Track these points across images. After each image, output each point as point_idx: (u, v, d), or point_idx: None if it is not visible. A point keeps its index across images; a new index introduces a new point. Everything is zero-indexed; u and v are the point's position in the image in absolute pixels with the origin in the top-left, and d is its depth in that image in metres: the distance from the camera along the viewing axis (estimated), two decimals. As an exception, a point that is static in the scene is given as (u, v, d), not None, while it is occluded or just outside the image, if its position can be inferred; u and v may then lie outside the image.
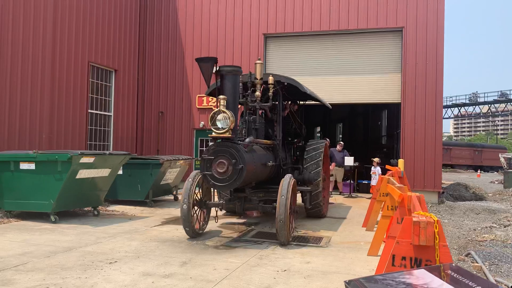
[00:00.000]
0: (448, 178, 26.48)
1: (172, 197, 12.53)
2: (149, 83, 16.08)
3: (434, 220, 2.77)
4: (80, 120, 13.30)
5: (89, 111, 13.83)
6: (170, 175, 11.66)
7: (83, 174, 8.56)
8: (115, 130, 15.01)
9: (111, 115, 14.93)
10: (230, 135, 6.48)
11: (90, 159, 8.49)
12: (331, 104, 12.03)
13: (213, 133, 6.55)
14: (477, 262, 6.13)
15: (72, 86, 12.97)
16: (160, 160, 10.76)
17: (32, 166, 8.36)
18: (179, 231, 7.75)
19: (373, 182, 13.32)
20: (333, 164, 13.72)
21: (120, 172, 10.72)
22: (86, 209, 9.80)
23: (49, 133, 12.15)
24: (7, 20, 10.90)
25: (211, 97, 14.32)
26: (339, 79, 14.48)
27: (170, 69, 15.87)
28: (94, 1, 13.81)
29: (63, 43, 12.64)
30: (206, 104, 15.12)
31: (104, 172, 9.18)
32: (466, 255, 6.61)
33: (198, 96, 15.35)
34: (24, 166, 8.41)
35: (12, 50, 11.06)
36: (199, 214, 7.57)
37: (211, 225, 8.15)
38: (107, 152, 9.10)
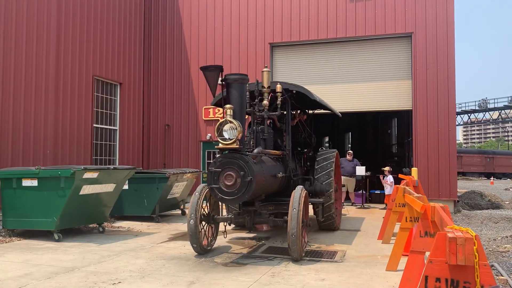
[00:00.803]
0: (462, 186, 25.91)
1: (179, 212, 12.22)
2: (155, 95, 15.89)
3: (472, 236, 2.44)
4: (85, 134, 13.09)
5: (94, 125, 13.63)
6: (177, 189, 11.37)
7: (86, 190, 8.28)
8: (120, 144, 14.79)
9: (116, 129, 14.72)
10: (237, 146, 6.18)
11: (94, 174, 8.22)
12: (340, 113, 11.72)
13: (220, 144, 6.25)
14: (502, 275, 5.75)
15: (76, 100, 12.79)
16: (167, 174, 10.48)
17: (34, 182, 8.10)
18: (186, 247, 7.43)
19: (387, 191, 12.94)
20: None
21: (126, 187, 10.45)
22: (91, 226, 9.51)
23: (54, 148, 11.95)
24: (10, 33, 10.77)
25: (217, 108, 14.08)
26: (348, 87, 14.18)
27: (175, 81, 15.68)
28: (98, 14, 13.70)
29: (67, 57, 12.50)
30: (213, 116, 14.87)
31: (109, 187, 8.91)
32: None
33: (205, 108, 15.11)
34: (26, 182, 8.16)
35: (15, 64, 10.91)
36: (207, 230, 7.25)
37: (220, 241, 7.82)
38: (111, 167, 8.83)
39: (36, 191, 8.08)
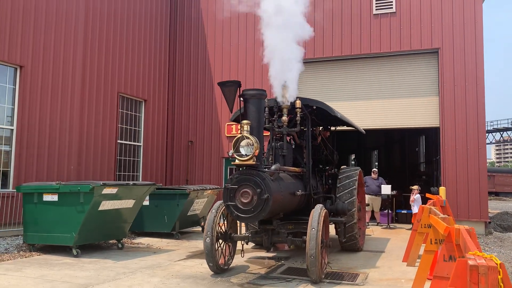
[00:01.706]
0: (494, 206, 24.90)
1: (200, 229, 12.09)
2: (179, 112, 15.99)
3: (497, 264, 2.20)
4: (109, 150, 13.22)
5: (118, 141, 13.77)
6: (198, 206, 11.27)
7: (106, 205, 8.27)
8: (144, 160, 14.88)
9: (140, 145, 14.84)
10: (254, 163, 6.04)
11: (113, 190, 8.21)
12: (365, 130, 11.44)
13: (237, 161, 6.13)
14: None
15: (101, 117, 12.97)
16: (187, 190, 10.40)
17: (55, 197, 8.15)
18: (203, 266, 7.27)
19: (414, 210, 12.52)
20: None
21: (147, 203, 10.44)
22: (111, 242, 9.49)
23: (78, 164, 12.09)
24: (38, 52, 11.05)
25: (240, 125, 14.01)
26: (373, 103, 13.89)
27: (199, 98, 15.75)
28: (124, 31, 13.96)
29: (92, 74, 12.72)
30: (235, 132, 14.80)
31: (128, 203, 8.88)
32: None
33: (227, 124, 15.09)
34: (47, 197, 8.21)
35: (42, 81, 11.16)
36: (224, 248, 7.08)
37: (237, 260, 7.63)
38: (131, 183, 8.81)
39: (56, 206, 8.11)
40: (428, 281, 5.52)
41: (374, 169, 14.97)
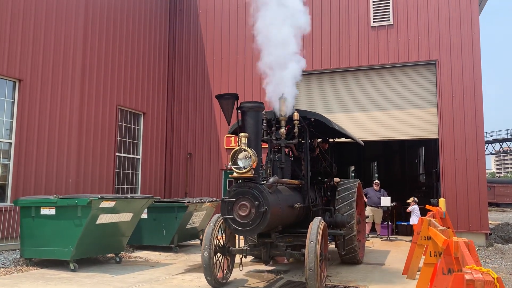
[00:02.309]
0: (495, 218, 24.79)
1: (199, 242, 12.01)
2: (178, 125, 16.00)
3: (494, 278, 2.17)
4: (108, 163, 13.20)
5: (117, 154, 13.75)
6: (196, 218, 11.21)
7: (103, 219, 8.22)
8: (143, 173, 14.85)
9: (139, 158, 14.82)
10: (252, 175, 6.01)
11: (111, 204, 8.17)
12: (364, 141, 11.43)
13: (234, 173, 6.11)
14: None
15: (100, 130, 12.96)
16: (185, 203, 10.35)
17: (52, 211, 8.10)
18: (202, 280, 7.19)
19: (412, 220, 12.51)
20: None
21: (145, 216, 10.39)
22: (108, 255, 9.41)
23: (76, 177, 12.05)
24: (37, 65, 11.09)
25: (238, 137, 14.01)
26: (372, 115, 13.90)
27: (198, 111, 15.77)
28: (122, 44, 14.02)
29: (91, 87, 12.75)
30: (234, 144, 14.80)
31: (126, 216, 8.83)
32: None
33: (226, 137, 15.09)
34: (45, 211, 8.16)
35: (41, 94, 11.18)
36: (222, 262, 7.03)
37: (236, 273, 7.56)
38: (129, 196, 8.77)
39: (53, 220, 8.06)
40: (428, 294, 5.47)
41: (376, 180, 14.93)
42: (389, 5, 13.76)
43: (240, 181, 6.24)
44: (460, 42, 12.92)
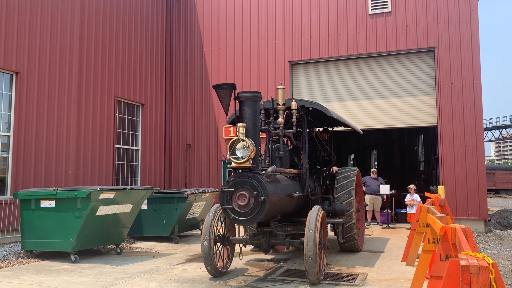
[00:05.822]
0: (494, 204, 24.89)
1: (199, 232, 12.08)
2: (176, 115, 15.98)
3: (489, 263, 2.18)
4: (107, 155, 13.20)
5: (116, 146, 13.75)
6: (197, 209, 11.25)
7: (103, 210, 8.25)
8: (142, 164, 14.86)
9: (138, 149, 14.82)
10: (250, 165, 6.02)
11: (110, 195, 8.19)
12: (363, 130, 11.44)
13: (233, 163, 6.11)
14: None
15: (98, 122, 12.95)
16: (185, 194, 10.38)
17: (52, 203, 8.13)
18: (202, 269, 7.25)
19: (411, 210, 12.52)
20: None
21: (145, 207, 10.44)
22: (109, 246, 9.46)
23: (76, 169, 12.07)
24: (34, 57, 11.04)
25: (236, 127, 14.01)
26: (370, 103, 13.88)
27: (196, 101, 15.75)
28: (120, 36, 13.95)
29: (89, 79, 12.71)
30: (233, 135, 14.79)
31: (126, 208, 8.86)
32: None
33: (225, 127, 15.09)
34: (44, 204, 8.19)
35: (39, 87, 11.14)
36: (222, 251, 7.06)
37: (236, 263, 7.61)
38: (128, 187, 8.78)
39: (53, 212, 8.09)
40: (426, 280, 5.50)
41: (373, 168, 14.97)
42: (387, -8, 13.65)
43: (238, 171, 6.25)
44: (459, 28, 12.86)
